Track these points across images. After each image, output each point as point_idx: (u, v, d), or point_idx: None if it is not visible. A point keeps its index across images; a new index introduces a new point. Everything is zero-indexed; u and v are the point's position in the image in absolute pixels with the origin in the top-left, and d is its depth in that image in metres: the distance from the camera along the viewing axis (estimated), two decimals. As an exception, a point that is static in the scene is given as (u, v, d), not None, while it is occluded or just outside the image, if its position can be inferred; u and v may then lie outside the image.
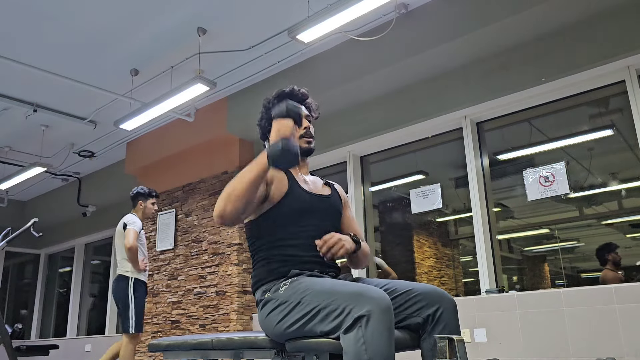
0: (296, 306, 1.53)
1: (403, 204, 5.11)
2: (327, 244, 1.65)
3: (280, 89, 1.93)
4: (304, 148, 1.84)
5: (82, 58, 4.72)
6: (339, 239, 1.67)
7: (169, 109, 4.83)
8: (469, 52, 4.09)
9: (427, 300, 1.63)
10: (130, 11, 4.09)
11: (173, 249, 5.86)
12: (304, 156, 1.87)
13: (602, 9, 3.57)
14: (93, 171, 7.60)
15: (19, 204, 8.88)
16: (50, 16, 4.11)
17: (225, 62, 4.78)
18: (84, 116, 5.81)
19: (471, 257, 5.49)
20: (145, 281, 4.39)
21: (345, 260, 1.86)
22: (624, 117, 3.74)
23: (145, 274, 4.40)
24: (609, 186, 4.14)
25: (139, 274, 4.30)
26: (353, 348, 1.37)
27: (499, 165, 4.42)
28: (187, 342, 1.77)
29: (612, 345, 3.07)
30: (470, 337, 3.60)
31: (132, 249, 4.17)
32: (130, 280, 4.25)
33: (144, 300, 4.34)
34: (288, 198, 1.75)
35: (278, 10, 4.09)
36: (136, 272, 4.28)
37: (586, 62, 3.66)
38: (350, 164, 5.06)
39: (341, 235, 1.71)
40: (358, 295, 1.42)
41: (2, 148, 6.62)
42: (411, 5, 4.07)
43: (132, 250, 4.18)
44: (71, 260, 8.60)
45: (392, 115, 4.65)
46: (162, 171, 6.28)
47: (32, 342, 8.70)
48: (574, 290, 3.31)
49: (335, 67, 4.58)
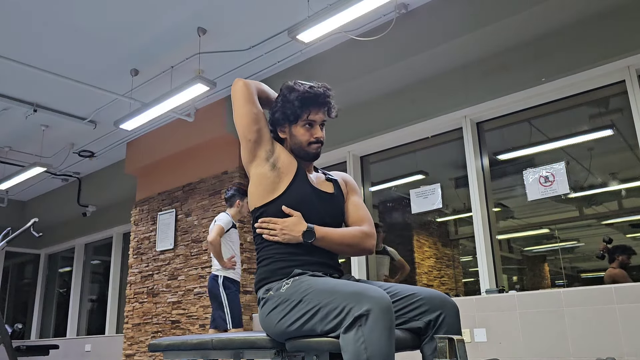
0: (297, 305, 1.53)
1: (403, 204, 5.11)
2: (268, 225, 1.72)
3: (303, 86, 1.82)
4: (312, 154, 1.83)
5: (82, 58, 4.72)
6: (280, 228, 1.70)
7: (169, 109, 4.84)
8: (469, 52, 4.09)
9: (429, 305, 1.62)
10: (130, 11, 4.09)
11: (173, 249, 5.86)
12: (310, 161, 1.86)
13: (602, 9, 3.57)
14: (93, 171, 7.60)
15: (19, 204, 8.88)
16: (50, 16, 4.11)
17: (225, 62, 4.78)
18: (84, 116, 5.82)
19: (471, 257, 5.49)
20: (236, 279, 4.25)
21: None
22: (624, 117, 3.74)
23: (236, 271, 4.27)
24: (609, 186, 4.14)
25: (227, 271, 4.19)
26: (352, 347, 1.36)
27: (499, 165, 4.42)
28: (187, 342, 1.77)
29: (612, 345, 3.07)
30: (470, 337, 3.60)
31: (212, 244, 4.08)
32: (219, 278, 4.20)
33: (237, 296, 4.22)
34: (293, 186, 1.76)
35: (278, 10, 4.09)
36: (223, 270, 4.18)
37: (586, 62, 3.66)
38: (350, 164, 5.06)
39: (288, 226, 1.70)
40: (358, 295, 1.42)
41: (2, 148, 6.63)
42: (411, 5, 4.07)
43: (213, 245, 4.08)
44: (71, 260, 8.60)
45: (392, 115, 4.65)
46: (162, 171, 6.28)
47: (32, 342, 8.70)
48: (574, 290, 3.31)
49: (335, 67, 4.58)
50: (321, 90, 1.82)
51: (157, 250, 6.03)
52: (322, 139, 1.85)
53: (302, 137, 1.81)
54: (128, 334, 6.12)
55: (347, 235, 1.78)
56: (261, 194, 1.76)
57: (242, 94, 1.81)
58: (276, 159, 1.78)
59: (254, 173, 1.79)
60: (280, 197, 1.75)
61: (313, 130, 1.82)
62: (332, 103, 1.86)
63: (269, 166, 1.77)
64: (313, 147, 1.82)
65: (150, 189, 6.41)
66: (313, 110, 1.81)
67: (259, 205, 1.77)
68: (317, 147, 1.83)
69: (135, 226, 6.49)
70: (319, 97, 1.81)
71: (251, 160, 1.79)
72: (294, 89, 1.81)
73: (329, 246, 1.74)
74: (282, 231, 1.69)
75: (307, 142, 1.81)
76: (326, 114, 1.86)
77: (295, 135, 1.82)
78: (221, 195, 5.50)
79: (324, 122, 1.86)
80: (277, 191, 1.75)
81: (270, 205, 1.75)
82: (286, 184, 1.76)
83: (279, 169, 1.77)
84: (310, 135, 1.81)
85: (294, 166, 1.80)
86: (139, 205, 6.52)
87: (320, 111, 1.82)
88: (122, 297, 7.32)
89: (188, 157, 5.96)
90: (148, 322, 5.87)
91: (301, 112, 1.79)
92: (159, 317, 5.79)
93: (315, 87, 1.82)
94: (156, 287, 5.93)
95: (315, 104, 1.81)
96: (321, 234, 1.71)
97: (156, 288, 5.93)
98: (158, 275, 5.96)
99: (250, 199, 1.81)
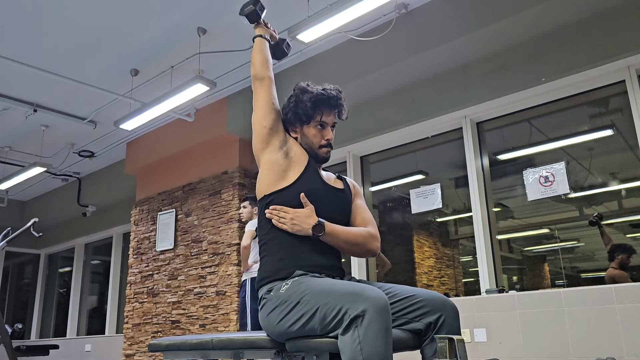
0: (296, 306, 1.53)
1: (403, 204, 5.11)
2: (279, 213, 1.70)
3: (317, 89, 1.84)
4: (321, 157, 1.85)
5: (82, 58, 4.72)
6: (291, 218, 1.69)
7: (169, 109, 4.83)
8: (469, 52, 4.09)
9: (430, 307, 1.62)
10: (130, 11, 4.09)
11: (173, 249, 5.86)
12: (320, 163, 1.87)
13: (602, 9, 3.57)
14: (93, 171, 7.60)
15: (19, 204, 8.88)
16: (50, 16, 4.11)
17: (225, 62, 4.78)
18: (84, 116, 5.82)
19: (471, 257, 5.49)
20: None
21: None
22: (624, 117, 3.74)
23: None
24: (609, 186, 4.14)
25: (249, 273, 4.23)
26: (349, 349, 1.37)
27: (499, 165, 4.42)
28: (187, 342, 1.77)
29: (612, 345, 3.07)
30: (470, 337, 3.60)
31: (243, 248, 4.14)
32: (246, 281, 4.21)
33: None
34: (304, 177, 1.76)
35: (278, 10, 4.09)
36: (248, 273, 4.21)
37: (586, 62, 3.67)
38: (350, 164, 5.06)
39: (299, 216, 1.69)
40: (354, 295, 1.42)
41: (2, 148, 6.62)
42: (411, 5, 4.07)
43: (243, 249, 4.15)
44: (71, 260, 8.61)
45: (392, 115, 4.65)
46: (162, 171, 6.28)
47: (32, 342, 8.70)
48: (574, 290, 3.31)
49: (335, 67, 4.58)
50: (334, 92, 1.85)
51: (157, 250, 6.03)
52: (332, 142, 1.88)
53: (314, 139, 1.83)
54: (128, 334, 6.12)
55: (354, 234, 1.78)
56: (271, 180, 1.77)
57: (264, 86, 1.88)
58: (289, 149, 1.80)
59: (266, 159, 1.79)
60: (291, 185, 1.75)
61: (324, 132, 1.85)
62: (344, 105, 1.89)
63: (282, 154, 1.78)
64: (323, 151, 1.85)
65: (150, 189, 6.42)
66: (325, 112, 1.83)
67: (268, 192, 1.76)
68: (327, 151, 1.86)
69: (135, 226, 6.49)
70: (331, 100, 1.83)
71: (264, 148, 1.80)
72: (307, 90, 1.85)
73: (335, 243, 1.73)
74: (292, 221, 1.69)
75: (318, 144, 1.84)
76: (337, 116, 1.88)
77: (307, 135, 1.84)
78: (221, 195, 5.50)
79: (335, 124, 1.88)
80: (288, 179, 1.75)
81: (280, 193, 1.75)
82: (297, 174, 1.76)
83: (291, 157, 1.79)
84: (321, 137, 1.84)
85: (306, 158, 1.81)
86: (139, 205, 6.52)
87: (332, 113, 1.85)
88: (122, 297, 7.32)
89: (188, 157, 5.96)
90: (148, 322, 5.87)
91: (314, 114, 1.82)
92: (159, 317, 5.79)
93: (328, 89, 1.85)
94: (156, 287, 5.93)
95: (328, 106, 1.83)
96: (330, 229, 1.70)
97: (156, 288, 5.93)
98: (158, 275, 5.96)
99: (259, 185, 1.81)
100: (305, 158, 1.81)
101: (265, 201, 1.77)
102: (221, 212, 5.45)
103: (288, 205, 1.72)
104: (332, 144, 1.87)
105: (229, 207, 5.38)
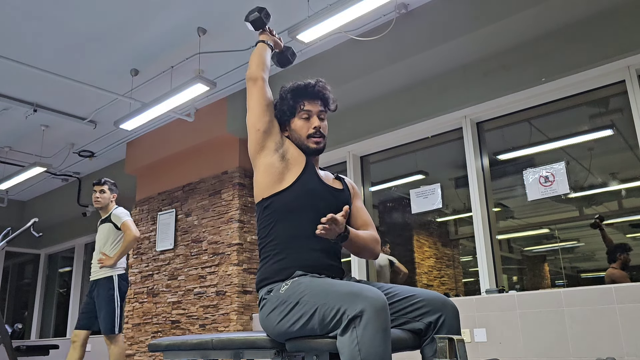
0: (295, 306, 1.53)
1: (403, 204, 5.11)
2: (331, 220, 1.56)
3: (296, 82, 1.89)
4: (312, 148, 1.83)
5: (82, 58, 4.72)
6: (340, 223, 1.59)
7: (169, 109, 4.83)
8: (469, 52, 4.09)
9: (430, 307, 1.62)
10: (130, 11, 4.09)
11: (173, 249, 5.86)
12: (312, 155, 1.85)
13: (602, 9, 3.56)
14: (93, 171, 7.60)
15: (19, 204, 8.88)
16: (50, 16, 4.11)
17: (225, 62, 4.78)
18: (84, 116, 5.81)
19: (471, 257, 5.50)
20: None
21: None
22: (624, 117, 3.74)
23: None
24: (609, 186, 4.14)
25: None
26: (348, 349, 1.36)
27: (499, 165, 4.42)
28: (187, 342, 1.77)
29: (612, 345, 3.07)
30: (470, 337, 3.60)
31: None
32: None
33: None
34: (302, 178, 1.75)
35: (278, 10, 4.08)
36: None
37: (586, 62, 3.66)
38: (350, 164, 5.06)
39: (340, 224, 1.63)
40: (353, 295, 1.41)
41: (2, 148, 6.62)
42: (411, 5, 4.07)
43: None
44: (71, 260, 8.61)
45: (392, 115, 4.65)
46: (162, 171, 6.28)
47: (32, 342, 8.70)
48: (574, 290, 3.31)
49: (335, 67, 4.58)
50: (312, 81, 1.87)
51: (157, 250, 6.03)
52: (322, 130, 1.84)
53: (301, 130, 1.82)
54: (128, 334, 6.12)
55: (363, 238, 1.79)
56: (268, 184, 1.75)
57: (257, 87, 1.87)
58: (285, 151, 1.79)
59: (262, 162, 1.78)
60: (289, 188, 1.74)
61: (311, 121, 1.83)
62: (326, 94, 1.88)
63: (278, 156, 1.77)
64: (313, 140, 1.82)
65: (150, 189, 6.42)
66: (306, 100, 1.84)
67: (266, 195, 1.75)
68: (317, 141, 1.83)
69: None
70: (308, 87, 1.85)
71: (259, 151, 1.79)
72: (287, 87, 1.89)
73: (351, 247, 1.74)
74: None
75: (306, 134, 1.82)
76: (323, 105, 1.87)
77: (295, 129, 1.84)
78: (221, 195, 5.51)
79: (322, 112, 1.86)
80: (286, 182, 1.74)
81: (279, 196, 1.74)
82: (295, 176, 1.75)
83: (288, 160, 1.77)
84: (308, 126, 1.82)
85: (303, 159, 1.80)
86: (139, 205, 6.52)
87: (314, 101, 1.85)
88: (122, 297, 7.31)
89: (188, 157, 5.96)
90: (148, 322, 5.87)
91: (295, 104, 1.83)
92: (159, 317, 5.79)
93: (307, 80, 1.88)
94: (156, 287, 5.93)
95: (307, 94, 1.84)
96: (352, 235, 1.69)
97: (156, 288, 5.93)
98: (158, 275, 5.96)
99: (256, 188, 1.79)
100: (303, 159, 1.80)
101: (264, 204, 1.76)
102: (221, 212, 5.45)
103: (287, 208, 1.72)
104: (322, 132, 1.84)
105: (229, 207, 5.38)
